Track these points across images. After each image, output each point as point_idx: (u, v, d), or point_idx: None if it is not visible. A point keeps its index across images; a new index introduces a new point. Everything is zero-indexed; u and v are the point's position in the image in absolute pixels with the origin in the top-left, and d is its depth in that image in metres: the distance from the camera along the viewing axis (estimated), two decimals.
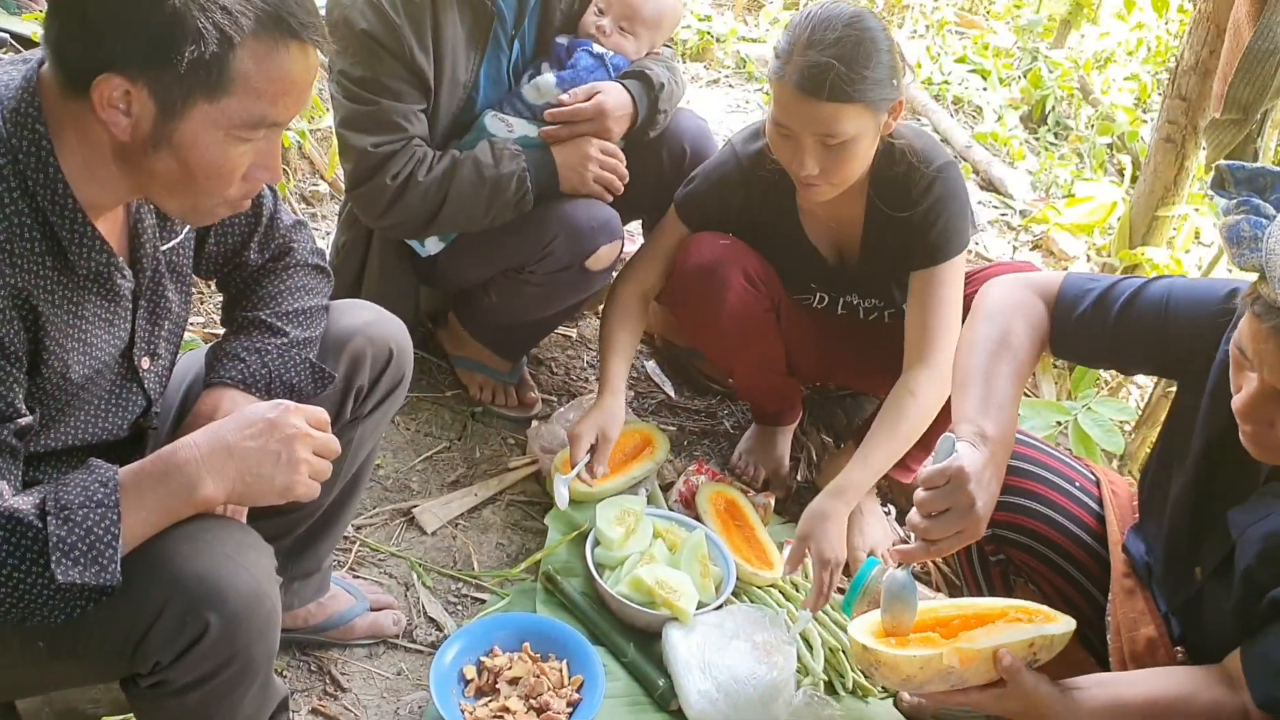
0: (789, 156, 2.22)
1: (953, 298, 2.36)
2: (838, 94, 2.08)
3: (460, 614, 2.31)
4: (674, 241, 2.56)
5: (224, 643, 1.38)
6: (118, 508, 1.31)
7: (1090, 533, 1.98)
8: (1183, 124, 3.37)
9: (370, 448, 1.99)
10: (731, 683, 2.07)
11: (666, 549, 2.41)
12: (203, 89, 1.29)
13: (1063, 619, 1.73)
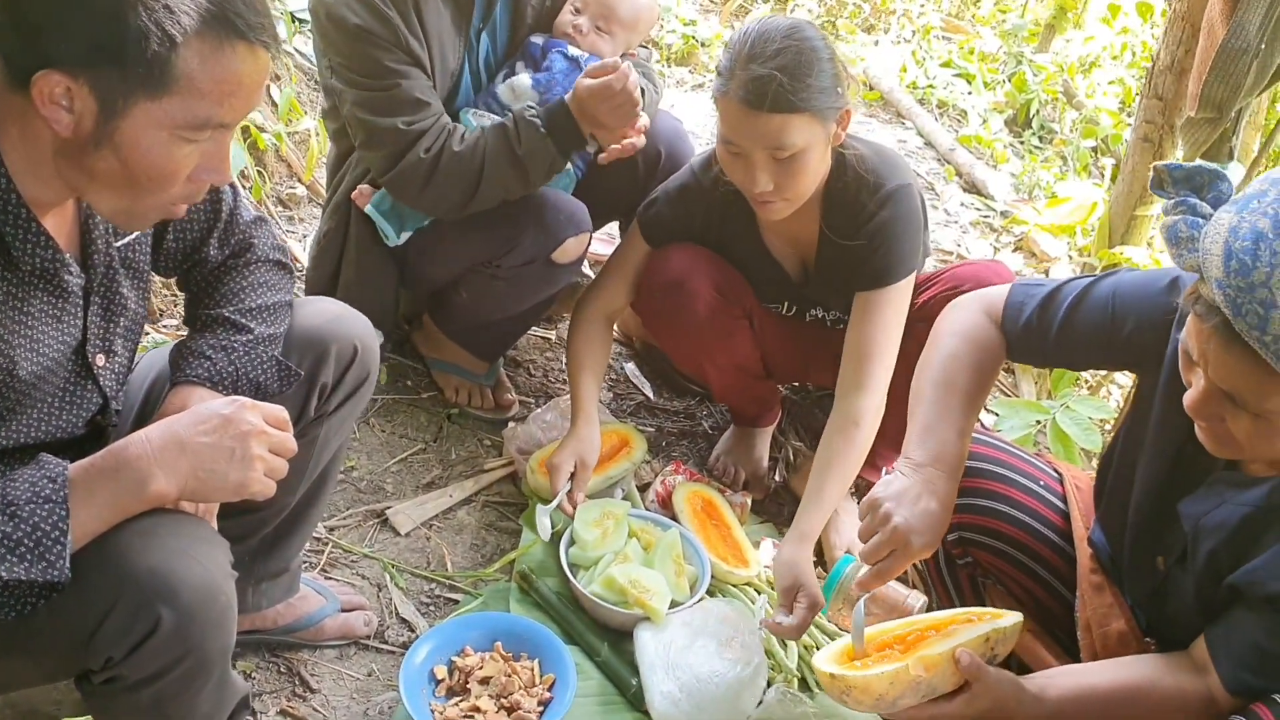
0: (741, 175, 2.21)
1: (892, 321, 2.34)
2: (783, 105, 2.08)
3: (433, 615, 2.30)
4: (638, 260, 2.54)
5: (177, 638, 1.37)
6: (66, 504, 1.30)
7: (1056, 530, 1.98)
8: (1160, 123, 3.39)
9: (337, 446, 1.97)
10: (694, 682, 2.06)
11: (641, 548, 2.40)
12: (145, 88, 1.28)
13: (1009, 613, 1.75)
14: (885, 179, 2.31)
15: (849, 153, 2.30)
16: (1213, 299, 1.35)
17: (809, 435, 3.03)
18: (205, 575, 1.39)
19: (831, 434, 2.29)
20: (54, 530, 1.28)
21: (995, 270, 2.46)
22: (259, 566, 2.01)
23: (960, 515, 1.97)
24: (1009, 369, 3.62)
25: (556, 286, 2.65)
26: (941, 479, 1.77)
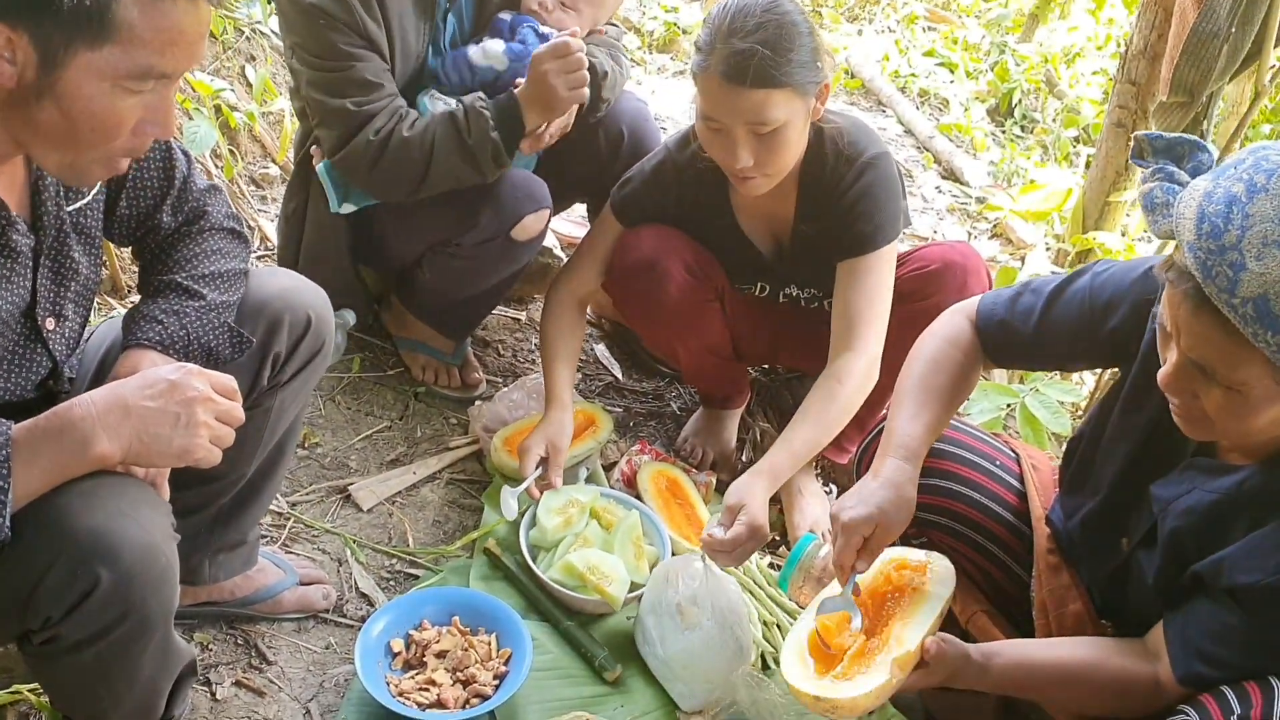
0: (721, 151, 2.20)
1: (880, 285, 2.34)
2: (764, 79, 2.07)
3: (393, 590, 2.30)
4: (610, 240, 2.53)
5: (116, 597, 1.37)
6: (8, 463, 1.29)
7: (1012, 510, 1.98)
8: (1133, 108, 3.39)
9: (293, 417, 1.97)
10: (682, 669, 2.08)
11: (601, 529, 2.40)
12: (84, 37, 1.27)
13: (937, 567, 1.80)
14: (862, 149, 2.31)
15: (827, 126, 2.30)
16: (1184, 264, 1.35)
17: (777, 417, 3.03)
18: (145, 536, 1.39)
19: (815, 389, 2.29)
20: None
21: (962, 251, 2.47)
22: (216, 538, 2.01)
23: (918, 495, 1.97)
24: None
25: (518, 264, 2.65)
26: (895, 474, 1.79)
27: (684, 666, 2.07)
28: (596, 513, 2.43)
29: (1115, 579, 1.77)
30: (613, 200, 2.52)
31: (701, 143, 2.25)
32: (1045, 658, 1.68)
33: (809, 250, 2.43)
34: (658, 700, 2.14)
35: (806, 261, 2.47)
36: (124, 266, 2.94)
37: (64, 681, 1.53)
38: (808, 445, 2.25)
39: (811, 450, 2.27)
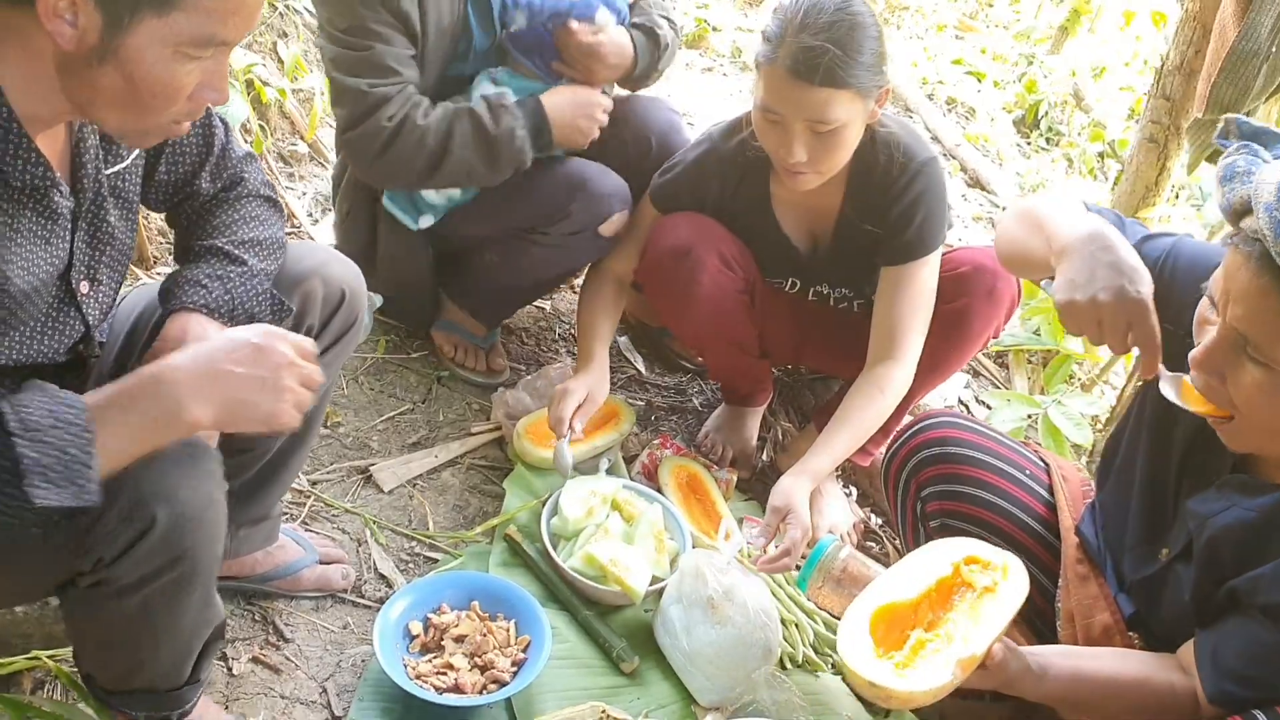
0: (776, 144, 2.18)
1: (924, 293, 2.35)
2: (832, 79, 2.05)
3: (412, 572, 2.29)
4: (648, 226, 2.54)
5: (171, 540, 1.37)
6: (89, 426, 1.27)
7: (1040, 520, 1.97)
8: (1166, 124, 3.37)
9: (322, 393, 1.96)
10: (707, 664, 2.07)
11: (622, 520, 2.39)
12: (150, 3, 1.27)
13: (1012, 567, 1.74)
14: (915, 154, 2.30)
15: (880, 129, 2.29)
16: (1255, 228, 1.33)
17: (799, 417, 3.02)
18: (201, 482, 1.40)
19: (856, 394, 2.31)
20: (81, 454, 1.25)
21: (993, 256, 2.45)
22: (239, 512, 2.00)
23: (944, 502, 1.97)
24: (1002, 363, 3.62)
25: (592, 259, 2.65)
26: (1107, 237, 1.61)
27: (709, 661, 2.06)
28: (618, 504, 2.42)
29: (1151, 586, 1.76)
30: (652, 187, 2.52)
31: (756, 131, 2.23)
32: (1097, 670, 1.67)
33: (848, 250, 2.42)
34: (674, 693, 2.13)
35: (843, 261, 2.46)
36: (150, 237, 2.94)
37: (102, 631, 1.52)
38: (846, 449, 2.27)
39: (848, 453, 2.30)
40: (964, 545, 1.82)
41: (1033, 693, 1.69)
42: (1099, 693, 1.67)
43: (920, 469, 2.01)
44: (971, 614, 1.70)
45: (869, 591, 1.83)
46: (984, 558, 1.79)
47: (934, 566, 1.79)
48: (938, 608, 1.75)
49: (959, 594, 1.76)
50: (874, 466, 2.77)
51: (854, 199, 2.35)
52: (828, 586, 2.34)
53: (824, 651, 2.30)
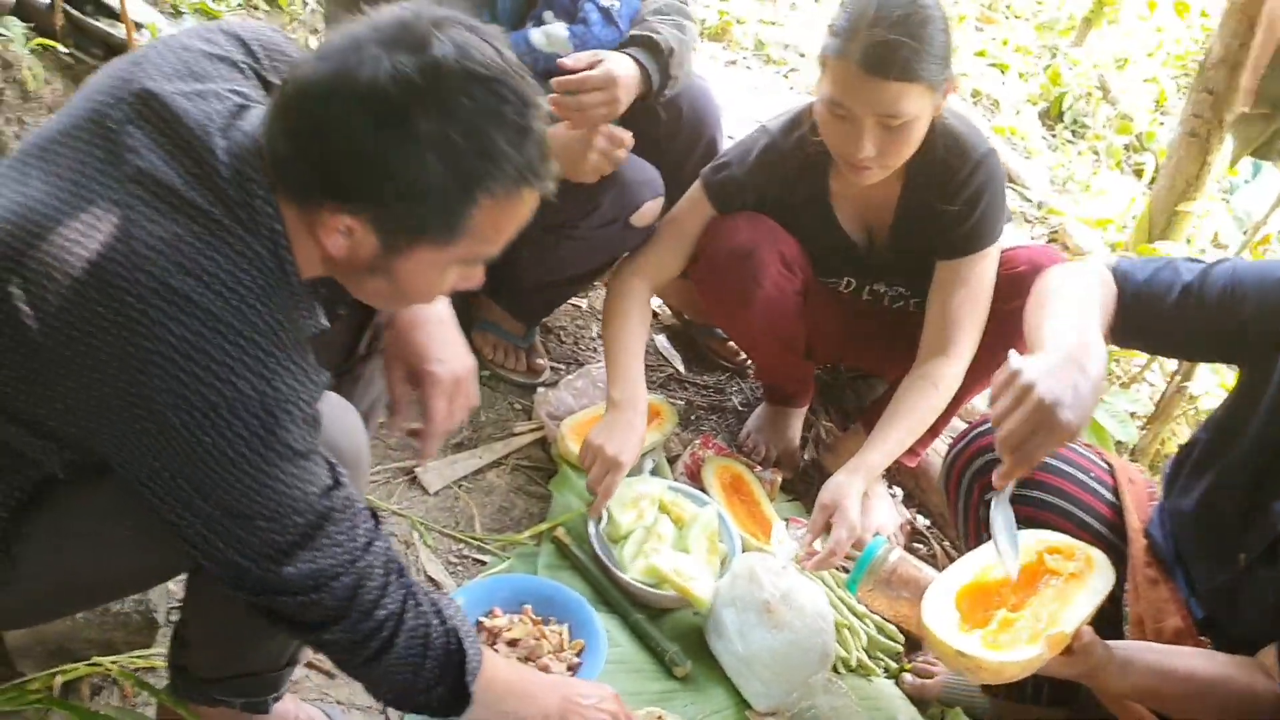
0: (842, 138, 2.13)
1: (982, 288, 2.31)
2: (907, 73, 2.01)
3: (461, 575, 2.28)
4: (698, 226, 2.44)
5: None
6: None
7: (1105, 523, 1.94)
8: (1208, 118, 3.35)
9: (380, 389, 1.95)
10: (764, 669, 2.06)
11: (672, 524, 2.37)
12: (432, 238, 1.29)
13: (1096, 560, 1.72)
14: (974, 146, 2.26)
15: (940, 121, 2.24)
16: None
17: (840, 416, 3.00)
18: (354, 436, 1.49)
19: (908, 390, 2.27)
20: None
21: (1050, 255, 2.42)
22: None
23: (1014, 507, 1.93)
24: None
25: (625, 250, 2.59)
26: (1090, 356, 1.56)
27: (765, 665, 2.04)
28: (665, 506, 2.40)
29: (1228, 591, 1.74)
30: (707, 183, 2.43)
31: (820, 127, 2.18)
32: (1179, 666, 1.65)
33: (905, 245, 2.39)
34: (728, 698, 2.12)
35: (901, 257, 2.42)
36: None
37: (228, 611, 1.51)
38: (900, 445, 2.24)
39: (902, 449, 2.26)
40: (1046, 534, 1.79)
41: (1115, 685, 1.67)
42: (1180, 689, 1.65)
43: (984, 472, 1.98)
44: (1060, 597, 1.68)
45: (956, 566, 1.78)
46: (1066, 547, 1.76)
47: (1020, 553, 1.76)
48: (1023, 591, 1.72)
49: (1044, 580, 1.73)
50: (920, 467, 2.75)
51: (912, 192, 2.31)
52: (878, 589, 2.31)
53: (876, 655, 2.28)
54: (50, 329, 1.22)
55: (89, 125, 1.31)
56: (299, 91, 1.23)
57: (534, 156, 1.28)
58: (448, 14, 1.26)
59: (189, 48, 1.37)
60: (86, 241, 1.22)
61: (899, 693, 2.22)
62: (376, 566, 1.36)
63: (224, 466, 1.24)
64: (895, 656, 2.31)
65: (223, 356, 1.21)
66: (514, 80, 1.26)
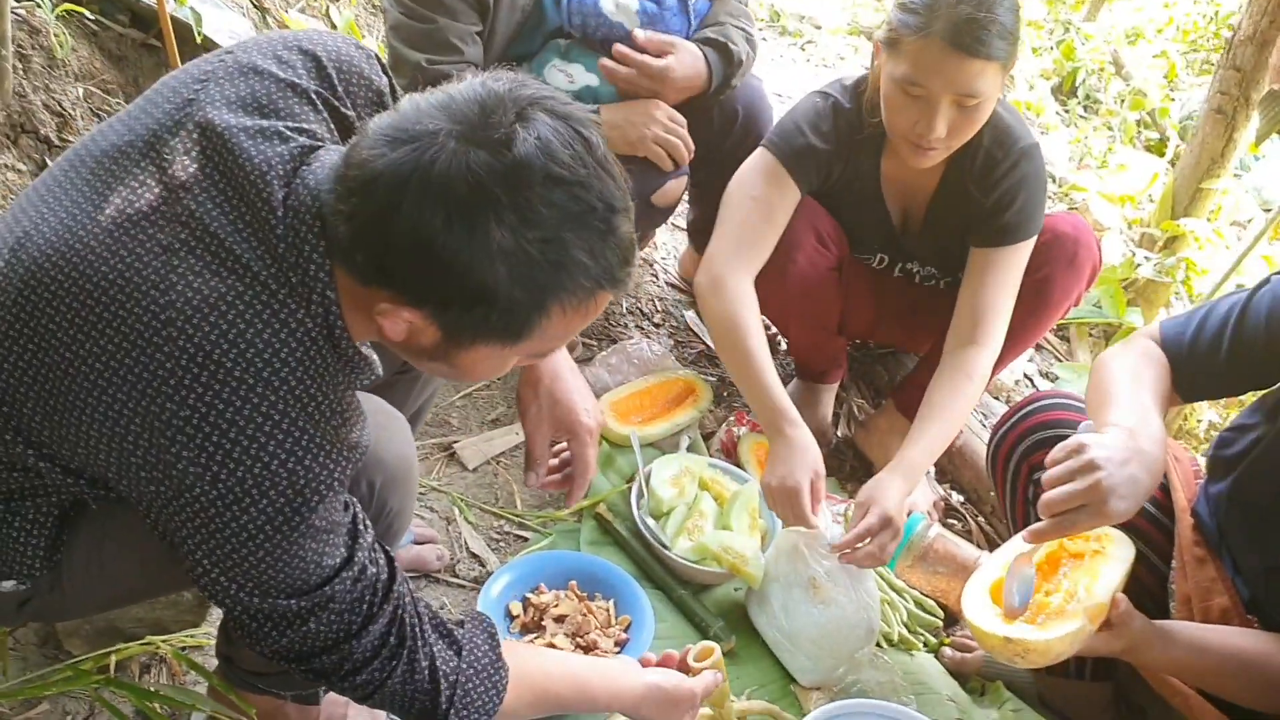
0: (912, 119, 2.09)
1: (1013, 280, 2.29)
2: (991, 50, 1.98)
3: (503, 551, 2.28)
4: (785, 204, 2.31)
5: (379, 503, 1.46)
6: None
7: (1153, 502, 1.94)
8: (1235, 95, 3.33)
9: (435, 386, 1.97)
10: (808, 643, 2.06)
11: (713, 501, 2.38)
12: (497, 339, 1.21)
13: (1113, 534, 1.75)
14: (1019, 136, 2.25)
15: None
16: None
17: (871, 392, 3.01)
18: (403, 445, 1.50)
19: (942, 382, 2.23)
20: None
21: (1073, 223, 2.43)
22: None
23: None
24: (1064, 335, 3.60)
25: (650, 229, 2.60)
26: (1152, 450, 1.60)
27: (811, 641, 2.05)
28: (705, 483, 2.40)
29: (1269, 572, 1.75)
30: (782, 156, 2.30)
31: (887, 107, 2.14)
32: (1220, 643, 1.66)
33: (940, 228, 2.38)
34: (773, 672, 2.13)
35: (933, 238, 2.42)
36: None
37: None
38: (941, 442, 2.19)
39: (944, 445, 2.21)
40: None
41: (1157, 659, 1.68)
42: (1223, 665, 1.67)
43: (1032, 452, 1.98)
44: (1088, 572, 1.69)
45: (981, 573, 1.80)
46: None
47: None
48: (1046, 576, 1.74)
49: (1064, 562, 1.74)
50: (954, 443, 2.75)
51: (952, 177, 2.30)
52: (916, 565, 2.34)
53: (916, 630, 2.29)
54: (78, 372, 1.18)
55: (145, 150, 1.25)
56: (366, 179, 1.13)
57: (613, 263, 1.20)
58: (537, 93, 1.17)
59: (260, 70, 1.30)
60: (126, 286, 1.17)
61: (940, 667, 2.23)
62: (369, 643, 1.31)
63: (240, 540, 1.20)
64: (934, 631, 2.32)
65: (255, 433, 1.16)
66: (600, 182, 1.17)
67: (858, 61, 5.62)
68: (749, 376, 2.19)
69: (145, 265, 1.17)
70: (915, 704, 2.04)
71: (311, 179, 1.21)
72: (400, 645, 1.33)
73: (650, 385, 2.68)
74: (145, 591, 1.61)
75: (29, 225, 1.25)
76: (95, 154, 1.28)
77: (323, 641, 1.28)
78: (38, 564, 1.34)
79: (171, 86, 1.30)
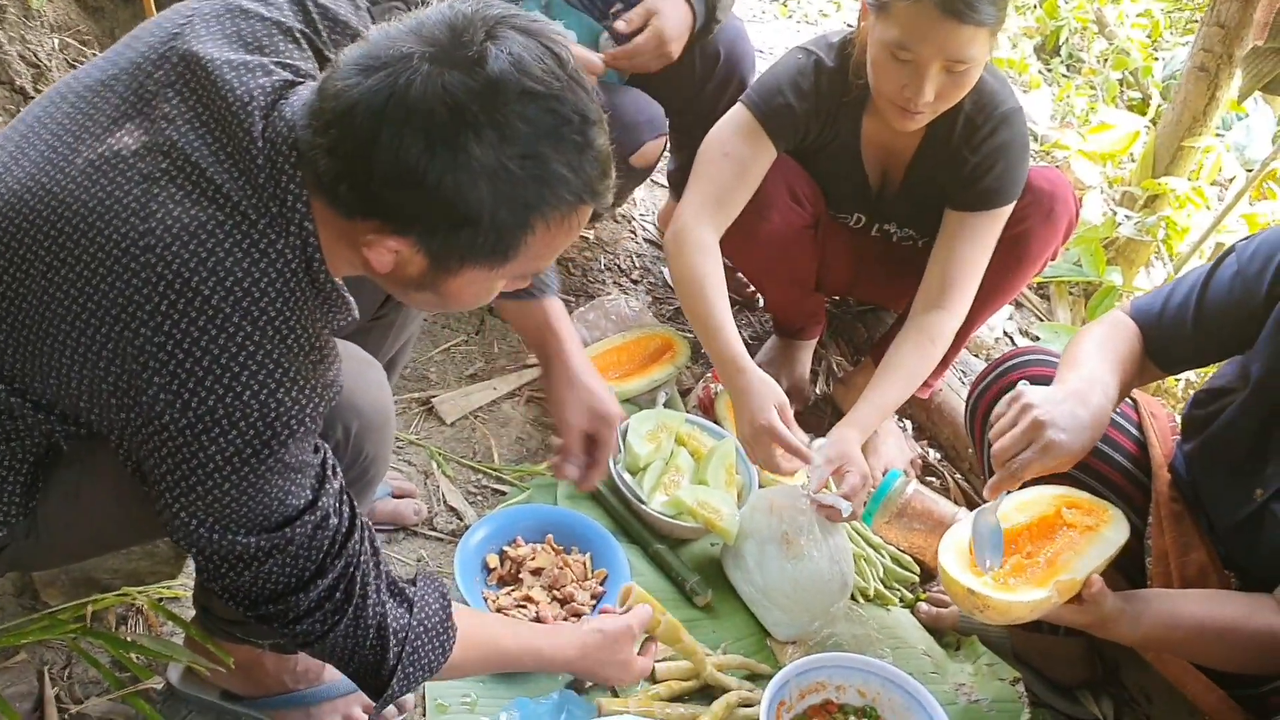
0: (902, 83, 2.06)
1: (985, 247, 2.28)
2: (985, 16, 1.96)
3: (480, 505, 2.28)
4: (759, 161, 2.28)
5: (355, 449, 1.44)
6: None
7: (1130, 458, 1.95)
8: (1218, 52, 3.31)
9: (409, 335, 1.96)
10: (783, 598, 2.07)
11: (690, 456, 2.38)
12: (483, 260, 1.22)
13: (1113, 515, 1.75)
14: (1001, 99, 2.23)
15: None
16: None
17: (851, 349, 3.01)
18: (379, 392, 1.48)
19: (905, 343, 2.24)
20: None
21: (1049, 177, 2.40)
22: None
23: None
24: (1044, 294, 3.60)
25: (629, 189, 2.58)
26: (1091, 394, 1.68)
27: (785, 595, 2.06)
28: (682, 439, 2.40)
29: (1244, 529, 1.76)
30: (760, 114, 2.27)
31: (874, 71, 2.12)
32: (1192, 612, 1.66)
33: (918, 191, 2.37)
34: (749, 627, 2.14)
35: (911, 201, 2.40)
36: None
37: None
38: (897, 400, 2.24)
39: (899, 404, 2.26)
40: (1068, 490, 1.81)
41: (1127, 635, 1.69)
42: (1195, 636, 1.67)
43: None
44: (1074, 547, 1.71)
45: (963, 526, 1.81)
46: (1084, 502, 1.79)
47: (1036, 504, 1.79)
48: (1038, 539, 1.75)
49: (1060, 531, 1.75)
50: (933, 400, 2.76)
51: (934, 139, 2.28)
52: (893, 521, 2.35)
53: (893, 586, 2.31)
54: (53, 299, 1.18)
55: (128, 81, 1.25)
56: (342, 109, 1.14)
57: (592, 176, 1.21)
58: (504, 12, 1.17)
59: (246, 10, 1.29)
60: (106, 214, 1.17)
61: (915, 622, 2.24)
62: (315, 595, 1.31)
63: (206, 471, 1.19)
64: (910, 587, 2.34)
65: (229, 362, 1.15)
66: (574, 95, 1.17)
67: (839, 19, 5.59)
68: (706, 329, 2.20)
69: (125, 194, 1.18)
70: (891, 657, 2.06)
71: (289, 110, 1.21)
72: (346, 602, 1.33)
73: (628, 341, 2.67)
74: (121, 539, 1.60)
75: (6, 159, 1.25)
76: (77, 90, 1.28)
77: (274, 585, 1.29)
78: (13, 510, 1.34)
79: (156, 23, 1.31)
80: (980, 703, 2.04)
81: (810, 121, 2.31)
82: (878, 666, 1.93)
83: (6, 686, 1.70)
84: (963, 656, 2.18)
